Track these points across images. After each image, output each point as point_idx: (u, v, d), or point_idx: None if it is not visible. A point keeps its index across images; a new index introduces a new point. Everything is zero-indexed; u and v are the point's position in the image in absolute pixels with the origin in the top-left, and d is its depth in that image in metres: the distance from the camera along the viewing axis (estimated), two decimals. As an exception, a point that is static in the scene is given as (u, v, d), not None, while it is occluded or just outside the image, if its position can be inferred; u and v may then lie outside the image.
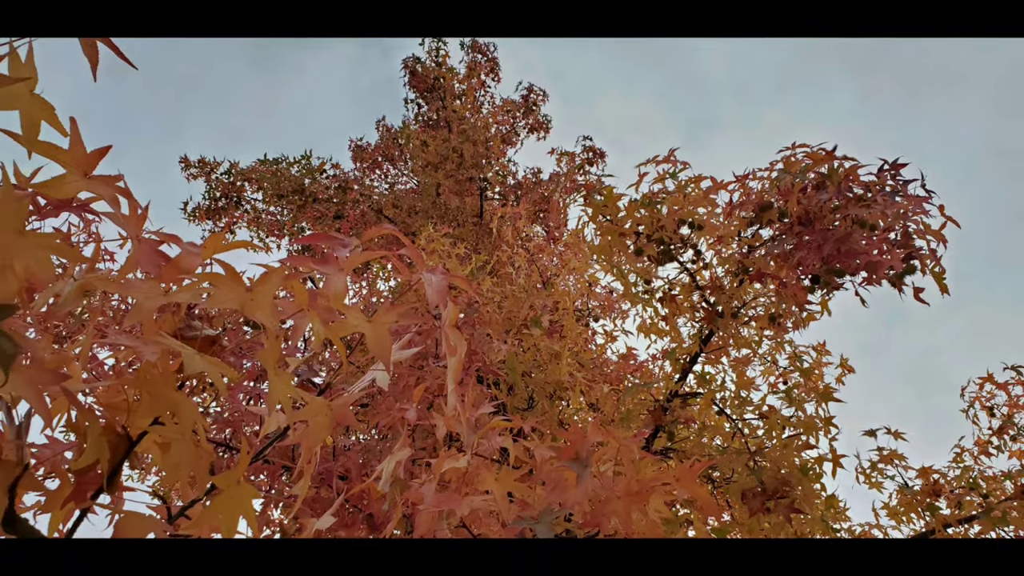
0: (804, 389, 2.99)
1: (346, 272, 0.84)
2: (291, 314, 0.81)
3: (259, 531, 2.00)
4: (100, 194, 0.75)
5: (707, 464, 1.15)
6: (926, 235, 2.25)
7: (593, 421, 1.24)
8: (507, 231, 5.26)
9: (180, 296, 0.73)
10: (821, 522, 2.67)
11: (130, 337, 0.77)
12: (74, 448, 0.78)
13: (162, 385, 0.77)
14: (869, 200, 2.31)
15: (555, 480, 1.25)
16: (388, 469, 1.24)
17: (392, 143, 9.34)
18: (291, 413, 0.85)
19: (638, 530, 1.16)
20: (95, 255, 0.80)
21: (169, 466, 0.78)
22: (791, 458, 2.57)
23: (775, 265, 2.59)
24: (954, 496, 3.09)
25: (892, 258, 2.23)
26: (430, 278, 0.92)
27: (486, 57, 9.33)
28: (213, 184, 8.69)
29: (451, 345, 0.97)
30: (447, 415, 1.31)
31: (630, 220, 2.89)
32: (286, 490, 2.62)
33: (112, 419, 0.78)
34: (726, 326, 2.90)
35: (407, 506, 1.29)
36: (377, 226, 0.90)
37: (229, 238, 5.82)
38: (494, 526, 1.48)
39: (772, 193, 2.60)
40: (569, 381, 3.48)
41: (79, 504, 0.77)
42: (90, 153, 0.74)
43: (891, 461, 3.21)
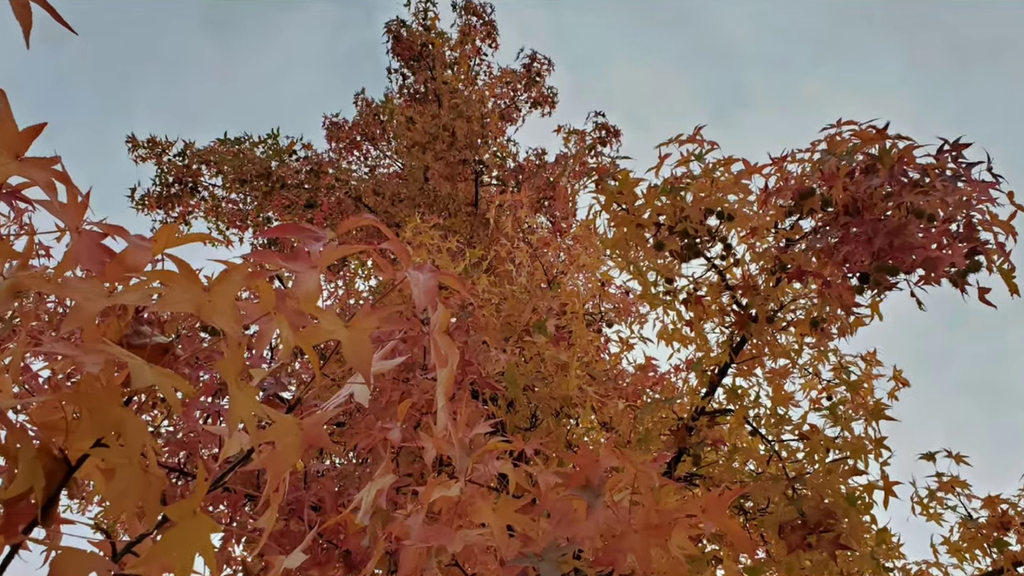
0: (851, 406, 3.00)
1: (319, 269, 0.84)
2: (255, 318, 0.82)
3: (218, 570, 2.01)
4: (33, 179, 0.75)
5: (738, 492, 1.16)
6: (992, 226, 2.25)
7: (606, 443, 1.25)
8: (506, 222, 5.27)
9: (126, 297, 0.73)
10: (871, 560, 2.67)
11: (69, 345, 0.77)
12: (4, 474, 0.78)
13: (106, 401, 0.77)
14: (927, 186, 2.31)
15: (562, 511, 1.25)
16: (368, 498, 1.24)
17: (373, 119, 9.35)
18: (255, 433, 0.85)
19: (658, 569, 1.16)
20: (28, 250, 0.80)
21: (114, 495, 0.78)
22: (836, 485, 2.57)
23: (818, 261, 2.59)
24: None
25: (953, 253, 2.23)
26: (417, 276, 0.92)
27: (482, 20, 9.35)
28: (165, 167, 8.71)
29: (441, 354, 0.97)
30: (437, 436, 1.31)
31: (649, 209, 2.89)
32: (250, 523, 2.62)
33: (48, 440, 0.78)
34: (760, 332, 2.90)
35: (390, 541, 1.29)
36: (355, 216, 0.91)
37: (183, 230, 5.83)
38: (491, 564, 1.48)
39: (814, 178, 2.60)
40: (578, 396, 3.48)
41: (9, 539, 0.77)
42: (22, 131, 0.74)
43: (952, 489, 3.21)
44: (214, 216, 8.83)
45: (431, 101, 8.79)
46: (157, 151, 8.75)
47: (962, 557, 3.19)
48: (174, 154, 8.76)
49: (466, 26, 9.29)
